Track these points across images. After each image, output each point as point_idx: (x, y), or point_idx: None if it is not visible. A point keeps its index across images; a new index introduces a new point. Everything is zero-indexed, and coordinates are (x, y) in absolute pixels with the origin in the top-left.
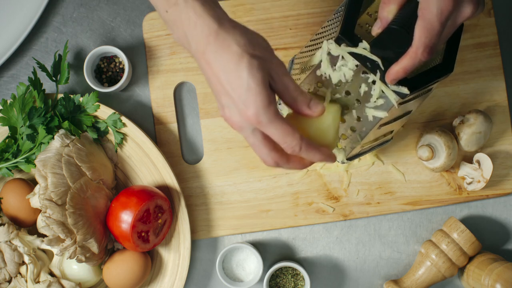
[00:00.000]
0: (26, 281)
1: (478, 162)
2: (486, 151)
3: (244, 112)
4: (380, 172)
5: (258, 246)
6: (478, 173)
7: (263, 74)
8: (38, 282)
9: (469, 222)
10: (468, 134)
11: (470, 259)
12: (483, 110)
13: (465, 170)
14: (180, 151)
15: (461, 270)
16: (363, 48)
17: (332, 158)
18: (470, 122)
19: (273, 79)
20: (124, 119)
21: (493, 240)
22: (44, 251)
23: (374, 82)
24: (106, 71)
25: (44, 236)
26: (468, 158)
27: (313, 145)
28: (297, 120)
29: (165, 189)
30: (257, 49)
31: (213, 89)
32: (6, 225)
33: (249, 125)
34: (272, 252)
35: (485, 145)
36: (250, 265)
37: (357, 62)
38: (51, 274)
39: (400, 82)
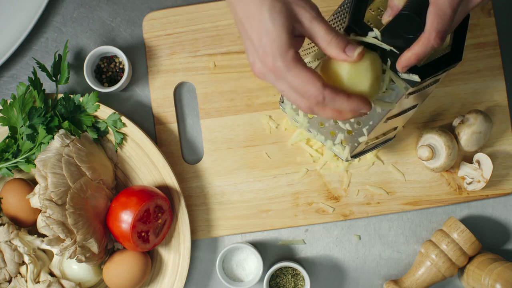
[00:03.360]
0: (26, 281)
1: (478, 162)
2: (486, 151)
3: (263, 59)
4: (380, 172)
5: (258, 246)
6: (478, 173)
7: (285, 18)
8: (38, 282)
9: (469, 222)
10: (468, 134)
11: (470, 259)
12: (483, 110)
13: (465, 170)
14: (180, 151)
15: (461, 270)
16: (373, 37)
17: (366, 105)
18: (470, 122)
19: (300, 23)
20: (124, 119)
21: (493, 240)
22: (44, 251)
23: (383, 71)
24: (106, 71)
25: (44, 236)
26: (468, 158)
27: (339, 94)
28: (330, 65)
29: (165, 189)
30: None
31: (240, 33)
32: (6, 225)
33: (270, 73)
34: (272, 252)
35: (485, 145)
36: (250, 265)
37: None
38: (51, 274)
39: (410, 70)
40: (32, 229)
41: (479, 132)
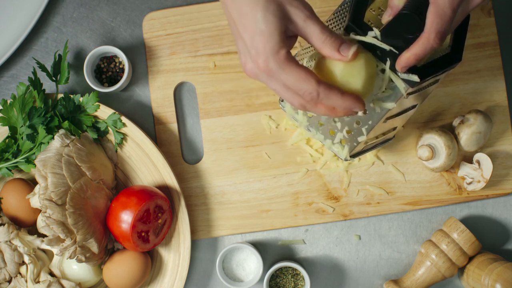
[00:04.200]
0: (26, 281)
1: (478, 162)
2: (486, 151)
3: (255, 60)
4: (380, 172)
5: (258, 246)
6: (478, 173)
7: (278, 19)
8: (38, 282)
9: (469, 222)
10: (468, 134)
11: (470, 259)
12: (483, 110)
13: (465, 170)
14: (180, 151)
15: (461, 270)
16: (373, 36)
17: (360, 104)
18: (470, 122)
19: (293, 22)
20: (124, 119)
21: (493, 240)
22: (44, 251)
23: (383, 71)
24: (106, 71)
25: (44, 236)
26: (468, 158)
27: (333, 91)
28: (324, 63)
29: (165, 189)
30: None
31: (232, 33)
32: (6, 225)
33: (262, 73)
34: (272, 252)
35: (485, 145)
36: (250, 265)
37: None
38: (51, 274)
39: (409, 70)
40: (32, 229)
41: (479, 132)
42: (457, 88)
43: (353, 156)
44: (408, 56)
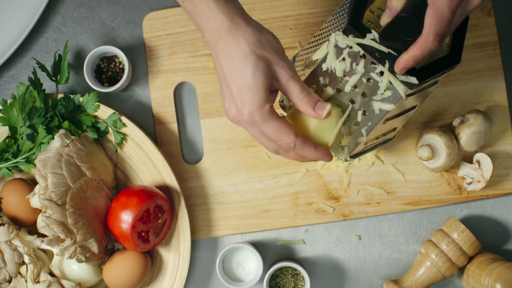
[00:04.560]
0: (26, 281)
1: (478, 162)
2: (486, 151)
3: (241, 110)
4: (380, 172)
5: (258, 246)
6: (478, 173)
7: (266, 76)
8: (38, 282)
9: (469, 222)
10: (468, 134)
11: (470, 259)
12: (483, 110)
13: (465, 170)
14: (180, 151)
15: (461, 270)
16: (371, 39)
17: (328, 157)
18: (470, 122)
19: (278, 80)
20: (124, 119)
21: (493, 240)
22: (44, 251)
23: (382, 73)
24: (106, 71)
25: (44, 236)
26: (468, 158)
27: (308, 144)
28: (299, 115)
29: (165, 189)
30: (266, 50)
31: (219, 79)
32: (6, 225)
33: (245, 121)
34: (272, 252)
35: (485, 145)
36: (250, 265)
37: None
38: (51, 274)
39: (408, 72)
40: (32, 229)
41: (479, 132)
42: (457, 88)
43: (353, 156)
44: (406, 58)
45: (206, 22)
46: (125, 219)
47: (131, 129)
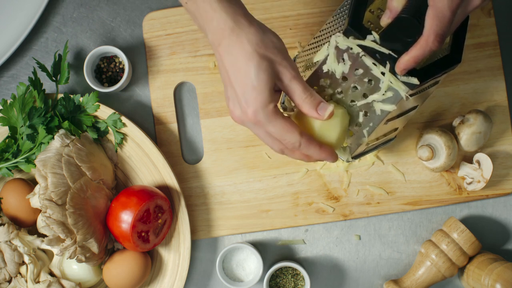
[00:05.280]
0: (26, 281)
1: (478, 162)
2: (486, 151)
3: (245, 110)
4: (380, 172)
5: (258, 246)
6: (478, 173)
7: (269, 76)
8: (38, 282)
9: (469, 222)
10: (468, 134)
11: (470, 259)
12: (483, 110)
13: (465, 170)
14: (180, 151)
15: (461, 270)
16: (372, 40)
17: (333, 157)
18: (470, 122)
19: (281, 80)
20: (124, 119)
21: (493, 240)
22: (44, 251)
23: (383, 74)
24: (106, 71)
25: (44, 236)
26: (468, 158)
27: (314, 143)
28: (305, 118)
29: (165, 189)
30: (269, 50)
31: (222, 80)
32: (6, 225)
33: (249, 121)
34: (272, 252)
35: (485, 145)
36: (250, 265)
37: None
38: (51, 274)
39: (409, 73)
40: (32, 229)
41: (479, 132)
42: (457, 88)
43: (355, 157)
44: (407, 59)
45: (210, 22)
46: (125, 219)
47: (131, 129)
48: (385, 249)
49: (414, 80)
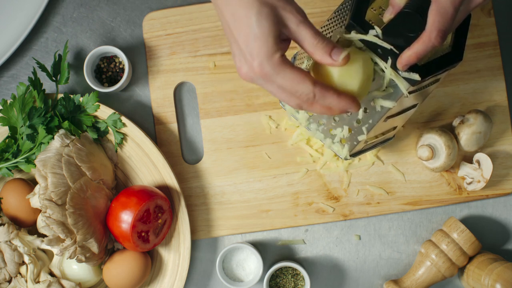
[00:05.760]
0: (26, 281)
1: (478, 162)
2: (486, 151)
3: (250, 63)
4: (380, 172)
5: (258, 246)
6: (478, 173)
7: (272, 23)
8: (38, 282)
9: (469, 222)
10: (468, 134)
11: (470, 259)
12: (483, 110)
13: (465, 170)
14: (180, 151)
15: (461, 270)
16: (374, 35)
17: (355, 106)
18: (470, 122)
19: (286, 27)
20: (124, 119)
21: (493, 240)
22: (44, 251)
23: (384, 70)
24: (106, 71)
25: (44, 236)
26: (468, 158)
27: (330, 92)
28: (322, 67)
29: (165, 189)
30: None
31: (226, 37)
32: (6, 225)
33: (257, 76)
34: (272, 252)
35: (485, 145)
36: (250, 265)
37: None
38: (51, 274)
39: (410, 69)
40: (32, 229)
41: (479, 132)
42: (457, 88)
43: (353, 155)
44: (409, 55)
45: None
46: (125, 219)
47: (131, 129)
48: (385, 249)
49: (416, 76)
